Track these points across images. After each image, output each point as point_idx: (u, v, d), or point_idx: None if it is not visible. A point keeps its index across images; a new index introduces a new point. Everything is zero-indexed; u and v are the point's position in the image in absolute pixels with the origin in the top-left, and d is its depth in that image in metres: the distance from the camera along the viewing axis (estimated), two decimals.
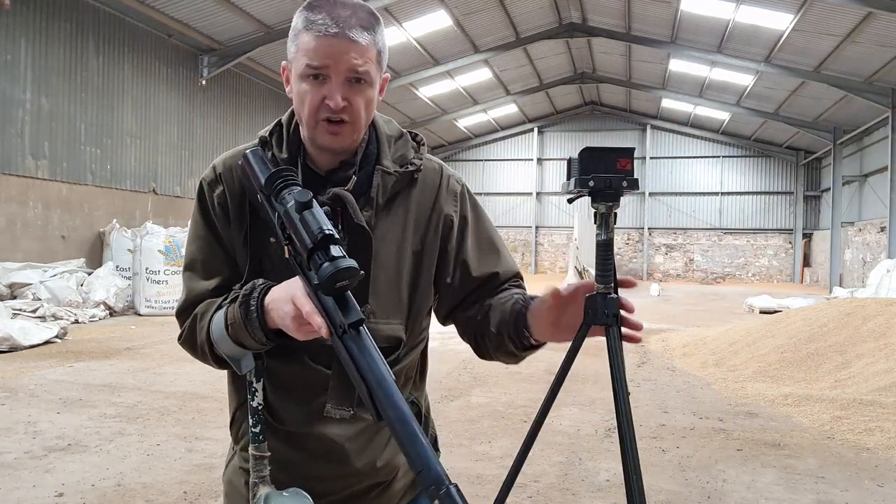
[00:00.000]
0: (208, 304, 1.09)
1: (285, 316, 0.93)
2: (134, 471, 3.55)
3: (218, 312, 1.05)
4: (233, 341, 1.02)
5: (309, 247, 0.89)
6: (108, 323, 9.63)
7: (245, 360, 1.05)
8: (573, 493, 3.39)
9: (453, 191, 1.21)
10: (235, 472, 1.18)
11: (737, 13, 14.00)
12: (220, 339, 1.04)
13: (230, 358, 1.05)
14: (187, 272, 1.15)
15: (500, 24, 17.57)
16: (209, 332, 1.05)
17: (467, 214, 1.22)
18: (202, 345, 1.08)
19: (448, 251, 1.18)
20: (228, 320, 1.01)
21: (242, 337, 1.00)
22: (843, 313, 7.22)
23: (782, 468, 3.82)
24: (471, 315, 1.19)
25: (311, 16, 1.02)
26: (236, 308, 1.00)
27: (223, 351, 1.05)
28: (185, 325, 1.12)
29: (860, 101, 16.20)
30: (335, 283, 0.87)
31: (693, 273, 26.37)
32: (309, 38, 1.02)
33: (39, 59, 11.15)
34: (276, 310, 0.95)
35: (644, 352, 7.98)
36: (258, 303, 0.98)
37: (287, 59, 1.10)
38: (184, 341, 1.13)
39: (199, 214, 1.15)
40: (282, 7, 13.68)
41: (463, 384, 5.93)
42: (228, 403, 1.22)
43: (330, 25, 1.00)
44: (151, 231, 11.07)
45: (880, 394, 5.15)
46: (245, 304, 0.99)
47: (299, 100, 1.06)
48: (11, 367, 6.13)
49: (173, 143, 14.56)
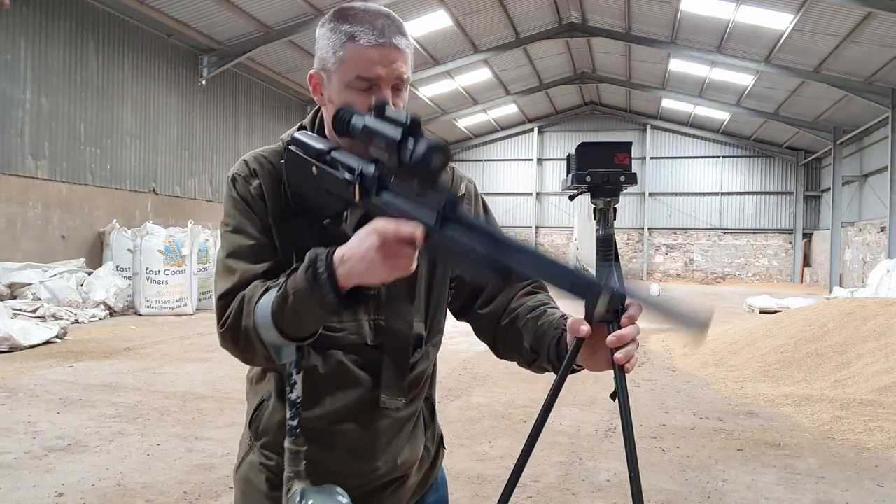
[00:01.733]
0: (255, 286, 1.03)
1: (368, 251, 0.89)
2: (134, 471, 3.55)
3: (264, 297, 1.00)
4: (276, 329, 0.97)
5: (398, 138, 0.89)
6: (108, 323, 9.63)
7: (286, 350, 1.01)
8: (573, 493, 3.39)
9: (466, 191, 1.25)
10: (254, 470, 1.17)
11: (737, 13, 14.00)
12: (263, 325, 0.98)
13: (271, 346, 1.00)
14: (230, 259, 1.08)
15: (500, 24, 17.57)
16: (255, 317, 0.99)
17: (480, 211, 1.26)
18: (249, 330, 1.00)
19: None
20: (290, 289, 0.95)
21: (304, 310, 0.94)
22: (843, 313, 7.22)
23: (782, 468, 3.82)
24: (490, 316, 1.19)
25: (353, 27, 1.05)
26: (299, 274, 0.95)
27: (265, 338, 0.99)
28: (230, 308, 1.03)
29: (860, 101, 16.20)
30: (431, 158, 0.87)
31: (693, 273, 26.37)
32: (358, 50, 1.04)
33: (39, 59, 11.15)
34: (353, 254, 0.90)
35: (644, 352, 7.98)
36: (327, 260, 0.93)
37: (320, 69, 1.11)
38: (227, 329, 1.03)
39: (238, 207, 1.11)
40: (282, 7, 13.68)
41: (463, 384, 5.93)
42: (248, 399, 1.21)
43: (377, 36, 1.04)
44: (151, 231, 11.07)
45: (880, 394, 5.15)
46: (312, 265, 0.94)
47: None
48: (11, 367, 6.13)
49: (173, 143, 14.56)
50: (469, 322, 1.24)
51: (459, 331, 7.22)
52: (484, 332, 1.22)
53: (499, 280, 0.84)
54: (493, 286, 1.20)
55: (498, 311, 1.18)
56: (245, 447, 1.21)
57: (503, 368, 6.61)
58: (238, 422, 4.49)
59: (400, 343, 1.11)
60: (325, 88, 1.11)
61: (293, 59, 16.43)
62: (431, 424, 1.27)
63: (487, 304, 1.20)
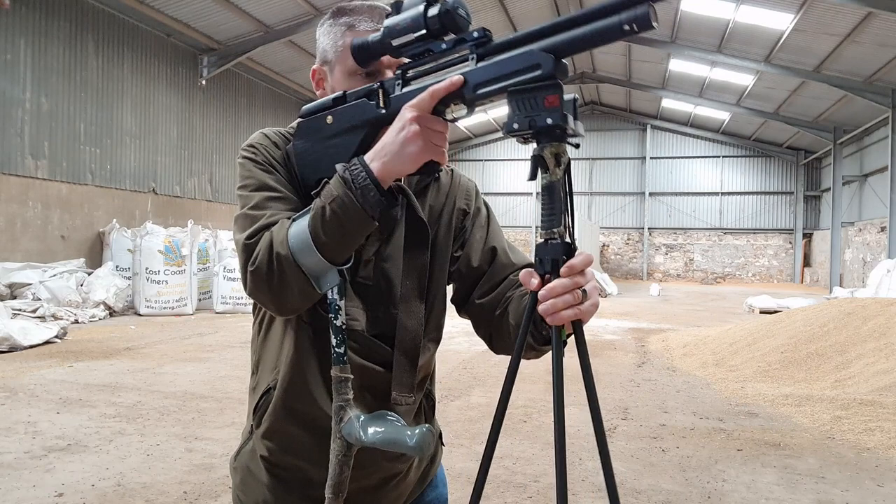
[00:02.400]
0: (282, 222, 0.98)
1: (402, 127, 0.89)
2: (134, 471, 3.54)
3: (296, 223, 0.96)
4: (317, 249, 0.93)
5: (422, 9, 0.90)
6: (108, 323, 9.62)
7: (329, 275, 0.97)
8: (573, 493, 3.39)
9: (465, 187, 1.26)
10: (254, 459, 1.17)
11: (737, 13, 14.00)
12: (301, 249, 0.94)
13: (311, 275, 0.95)
14: (254, 210, 1.02)
15: (500, 24, 17.58)
16: (289, 244, 0.94)
17: (481, 207, 1.26)
18: (284, 260, 0.94)
19: (460, 240, 1.22)
20: (325, 200, 0.93)
21: (346, 217, 0.92)
22: (843, 313, 7.22)
23: (782, 468, 3.82)
24: (487, 307, 1.18)
25: (352, 18, 1.10)
26: (333, 183, 0.93)
27: (305, 263, 0.94)
28: (258, 246, 0.97)
29: (860, 101, 16.21)
30: (458, 7, 0.89)
31: (693, 273, 26.37)
32: (356, 36, 1.08)
33: (39, 59, 11.15)
34: (386, 140, 0.91)
35: (644, 352, 7.98)
36: (360, 160, 0.93)
37: (321, 63, 1.15)
38: (257, 267, 0.96)
39: (259, 168, 1.07)
40: (282, 7, 13.68)
41: (463, 384, 5.92)
42: (251, 388, 1.20)
43: (377, 22, 1.09)
44: (151, 231, 11.07)
45: (880, 394, 5.15)
46: (346, 168, 0.93)
47: None
48: (11, 367, 6.12)
49: (173, 143, 14.56)
50: (469, 316, 1.23)
51: (459, 331, 7.24)
52: (481, 325, 1.21)
53: (552, 66, 0.83)
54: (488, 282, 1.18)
55: (495, 301, 1.17)
56: (246, 435, 1.21)
57: (503, 369, 6.58)
58: (238, 422, 4.49)
59: (410, 340, 1.11)
60: (328, 81, 1.13)
61: (293, 59, 16.43)
62: (431, 420, 1.27)
63: (486, 294, 1.18)
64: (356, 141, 1.01)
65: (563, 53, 0.84)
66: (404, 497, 1.21)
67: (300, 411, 1.09)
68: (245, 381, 1.27)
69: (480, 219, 1.25)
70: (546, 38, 0.85)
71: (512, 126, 0.87)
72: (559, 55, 0.84)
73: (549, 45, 0.84)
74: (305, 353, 1.09)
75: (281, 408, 1.11)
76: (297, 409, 1.09)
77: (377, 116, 0.99)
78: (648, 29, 0.78)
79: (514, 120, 0.87)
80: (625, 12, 0.78)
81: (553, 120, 0.84)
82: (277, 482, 1.14)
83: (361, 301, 1.10)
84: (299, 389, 1.09)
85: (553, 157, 0.88)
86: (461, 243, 1.22)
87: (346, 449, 1.00)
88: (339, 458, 1.01)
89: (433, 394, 1.27)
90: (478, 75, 0.89)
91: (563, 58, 0.85)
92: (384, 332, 1.11)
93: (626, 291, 19.26)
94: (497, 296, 1.18)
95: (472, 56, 0.91)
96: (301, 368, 1.09)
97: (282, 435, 1.12)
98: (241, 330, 9.15)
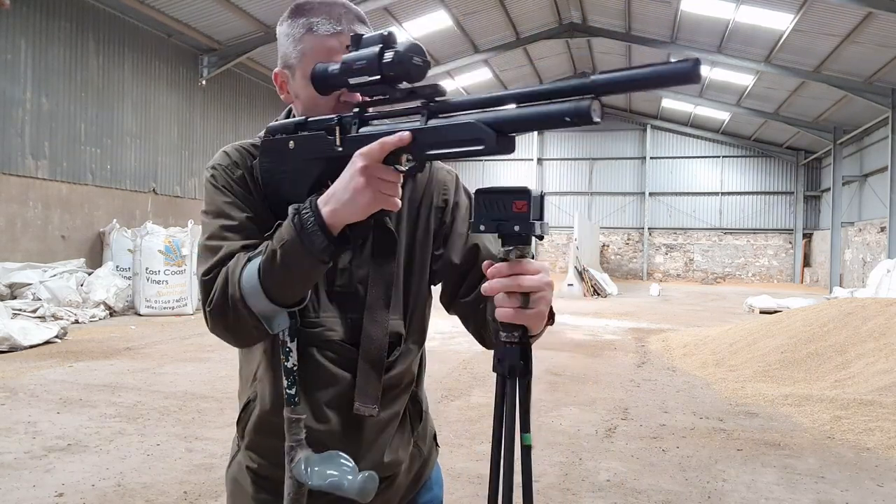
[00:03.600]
0: (239, 257, 0.99)
1: (352, 178, 0.89)
2: (134, 471, 3.55)
3: (249, 264, 0.96)
4: (265, 294, 0.94)
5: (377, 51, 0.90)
6: (108, 323, 9.63)
7: (278, 318, 0.99)
8: (573, 493, 3.39)
9: (442, 181, 1.22)
10: (241, 471, 1.17)
11: (737, 13, 14.00)
12: (250, 292, 0.95)
13: (262, 316, 0.97)
14: (212, 240, 1.04)
15: (500, 24, 17.58)
16: (241, 286, 0.96)
17: (461, 200, 1.23)
18: (236, 301, 0.96)
19: (440, 237, 1.19)
20: (276, 244, 0.93)
21: (295, 263, 0.92)
22: (843, 313, 7.22)
23: (782, 468, 3.82)
24: (472, 303, 1.16)
25: (309, 19, 1.07)
26: (284, 227, 0.93)
27: (255, 308, 0.96)
28: (214, 285, 0.99)
29: (860, 101, 16.20)
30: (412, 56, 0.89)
31: (693, 273, 26.37)
32: (317, 40, 1.06)
33: (39, 59, 11.16)
34: (337, 187, 0.91)
35: (644, 352, 7.98)
36: (311, 204, 0.92)
37: (283, 66, 1.13)
38: (214, 307, 0.99)
39: (219, 194, 1.08)
40: (282, 7, 13.67)
41: (463, 384, 5.93)
42: (239, 396, 1.20)
43: (335, 24, 1.06)
44: (151, 231, 11.07)
45: (880, 394, 5.15)
46: (296, 212, 0.93)
47: (311, 102, 1.08)
48: (11, 367, 6.13)
49: (173, 143, 14.57)
50: (457, 314, 1.21)
51: (459, 331, 7.20)
52: (469, 321, 1.19)
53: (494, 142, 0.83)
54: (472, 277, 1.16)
55: (478, 295, 1.15)
56: (234, 447, 1.21)
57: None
58: None
59: (375, 350, 1.09)
60: (291, 85, 1.12)
61: None
62: (420, 423, 1.24)
63: (470, 292, 1.17)
64: (314, 174, 1.01)
65: (506, 130, 0.84)
66: (396, 499, 1.20)
67: (279, 424, 1.08)
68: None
69: (461, 211, 1.21)
70: (492, 111, 0.85)
71: (479, 227, 0.88)
72: (501, 131, 0.84)
73: (492, 120, 0.84)
74: (279, 367, 1.08)
75: (262, 421, 1.11)
76: (277, 423, 1.07)
77: (333, 154, 0.98)
78: (588, 123, 0.79)
79: (481, 221, 0.88)
80: (568, 103, 0.79)
81: (521, 229, 0.86)
82: (265, 494, 1.13)
83: (339, 309, 1.09)
84: (278, 403, 1.08)
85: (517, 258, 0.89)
86: (443, 239, 1.19)
87: (298, 487, 1.02)
88: (291, 496, 1.02)
89: (420, 397, 1.24)
90: (426, 135, 0.89)
91: (505, 134, 0.84)
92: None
93: (626, 291, 19.27)
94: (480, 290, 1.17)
95: (423, 112, 0.90)
96: (277, 381, 1.08)
97: (265, 447, 1.12)
98: None
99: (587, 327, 10.39)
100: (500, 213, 0.87)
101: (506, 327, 0.91)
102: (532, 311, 0.90)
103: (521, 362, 0.91)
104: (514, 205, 0.85)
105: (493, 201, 0.87)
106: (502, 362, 0.91)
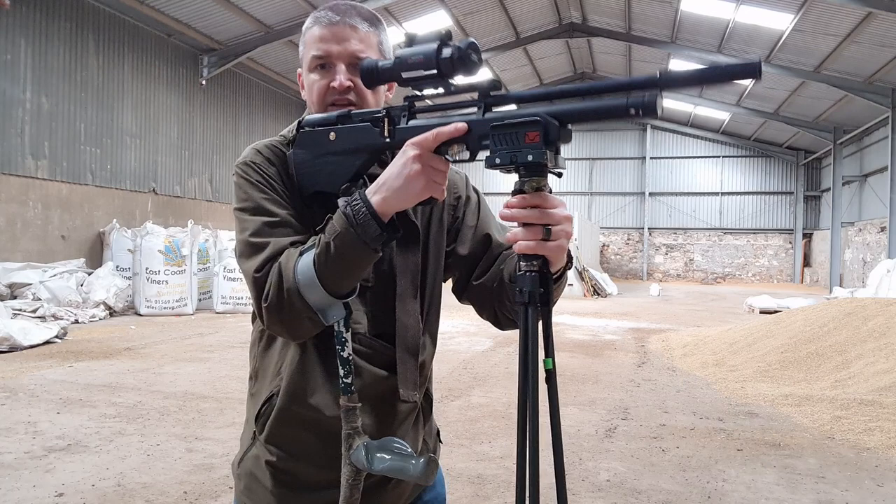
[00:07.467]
0: (290, 252, 1.00)
1: (405, 165, 0.91)
2: (134, 471, 3.54)
3: (303, 257, 0.98)
4: (322, 285, 0.96)
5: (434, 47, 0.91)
6: (108, 323, 9.62)
7: (333, 309, 1.00)
8: (573, 493, 3.39)
9: (453, 182, 1.26)
10: (258, 465, 1.17)
11: (737, 13, 14.01)
12: (306, 284, 0.96)
13: (317, 308, 0.98)
14: (256, 237, 1.04)
15: (500, 24, 17.58)
16: (297, 280, 0.96)
17: (471, 195, 1.28)
18: (292, 294, 0.97)
19: (453, 233, 1.23)
20: (329, 236, 0.95)
21: (349, 253, 0.94)
22: (843, 313, 7.22)
23: (782, 468, 3.82)
24: (486, 284, 1.19)
25: (315, 16, 1.14)
26: (336, 219, 0.95)
27: (310, 299, 0.97)
28: (268, 281, 0.99)
29: (860, 101, 16.21)
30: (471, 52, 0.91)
31: (693, 273, 26.37)
32: (313, 32, 1.12)
33: (39, 59, 11.16)
34: (388, 175, 0.93)
35: (644, 352, 7.98)
36: (361, 194, 0.95)
37: (301, 67, 1.19)
38: (270, 303, 0.99)
39: (256, 189, 1.08)
40: (282, 7, 13.68)
41: (463, 384, 5.93)
42: (255, 393, 1.20)
43: (332, 16, 1.11)
44: (151, 231, 11.07)
45: (880, 394, 5.15)
46: (347, 204, 0.94)
47: (309, 91, 1.14)
48: (11, 367, 6.13)
49: (173, 143, 14.57)
50: (470, 300, 1.24)
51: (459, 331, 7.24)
52: (484, 304, 1.21)
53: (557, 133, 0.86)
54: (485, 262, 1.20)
55: (493, 276, 1.18)
56: (248, 442, 1.21)
57: (503, 368, 6.61)
58: (238, 422, 4.49)
59: (411, 338, 1.12)
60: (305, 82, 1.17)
61: (293, 59, 16.40)
62: (429, 418, 1.27)
63: (483, 274, 1.20)
64: (356, 164, 1.03)
65: (568, 122, 0.87)
66: (403, 497, 1.21)
67: (305, 416, 1.09)
68: (246, 381, 1.27)
69: (471, 206, 1.26)
70: (553, 104, 0.89)
71: (494, 161, 0.89)
72: (563, 122, 0.87)
73: (556, 112, 0.87)
74: (310, 360, 1.10)
75: (285, 413, 1.11)
76: (301, 414, 1.09)
77: (380, 145, 1.00)
78: (653, 116, 0.82)
79: (496, 155, 0.89)
80: (635, 96, 0.82)
81: (534, 157, 0.87)
82: (283, 487, 1.14)
83: (362, 303, 1.12)
84: (304, 395, 1.10)
85: (533, 190, 0.91)
86: (455, 235, 1.23)
87: (356, 474, 1.04)
88: (350, 482, 1.05)
89: (431, 392, 1.28)
90: (483, 127, 0.91)
91: (567, 125, 0.88)
92: (385, 332, 1.13)
93: (626, 291, 19.26)
94: (494, 270, 1.19)
95: (481, 104, 0.93)
96: (305, 374, 1.10)
97: (287, 440, 1.12)
98: (241, 330, 9.15)
99: (587, 327, 10.39)
100: (514, 145, 0.88)
101: (526, 258, 0.92)
102: (553, 244, 0.92)
103: (541, 289, 0.92)
104: (527, 136, 0.87)
105: (505, 135, 0.88)
106: (523, 291, 0.91)
